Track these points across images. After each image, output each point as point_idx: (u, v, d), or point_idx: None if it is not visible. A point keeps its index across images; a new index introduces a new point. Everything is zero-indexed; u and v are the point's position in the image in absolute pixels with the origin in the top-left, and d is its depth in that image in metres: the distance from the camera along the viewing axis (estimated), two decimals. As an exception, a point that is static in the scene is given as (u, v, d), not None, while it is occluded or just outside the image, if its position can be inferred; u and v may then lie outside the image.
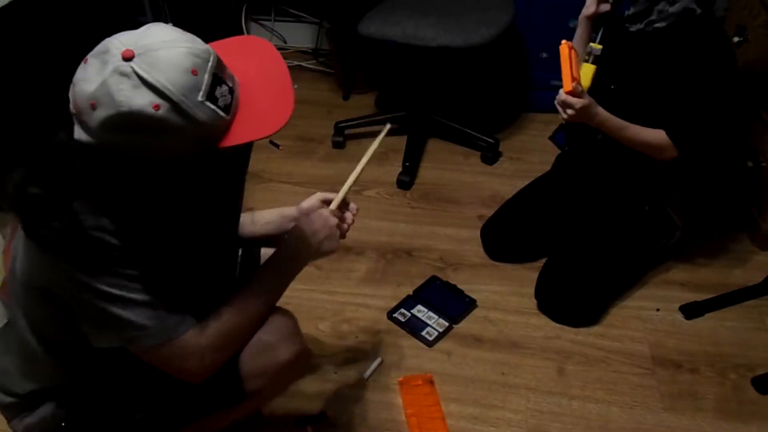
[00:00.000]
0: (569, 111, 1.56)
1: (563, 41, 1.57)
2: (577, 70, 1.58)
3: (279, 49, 3.26)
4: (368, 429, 1.52)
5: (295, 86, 2.66)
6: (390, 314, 1.80)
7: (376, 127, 2.58)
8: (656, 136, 1.62)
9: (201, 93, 0.87)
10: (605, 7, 1.65)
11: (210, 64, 0.89)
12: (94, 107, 0.85)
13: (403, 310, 1.81)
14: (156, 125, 0.86)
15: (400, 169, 2.32)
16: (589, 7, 1.67)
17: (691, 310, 1.78)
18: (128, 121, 0.85)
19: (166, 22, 3.13)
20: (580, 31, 1.74)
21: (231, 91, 0.93)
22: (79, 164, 0.90)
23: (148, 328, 1.01)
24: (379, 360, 1.67)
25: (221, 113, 0.90)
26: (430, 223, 2.13)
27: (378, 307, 1.83)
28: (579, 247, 1.80)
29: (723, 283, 1.87)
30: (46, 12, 2.28)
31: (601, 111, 1.59)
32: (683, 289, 1.86)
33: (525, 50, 2.54)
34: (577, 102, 1.54)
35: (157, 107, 0.85)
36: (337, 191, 1.32)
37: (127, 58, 0.84)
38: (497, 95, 2.70)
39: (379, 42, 2.20)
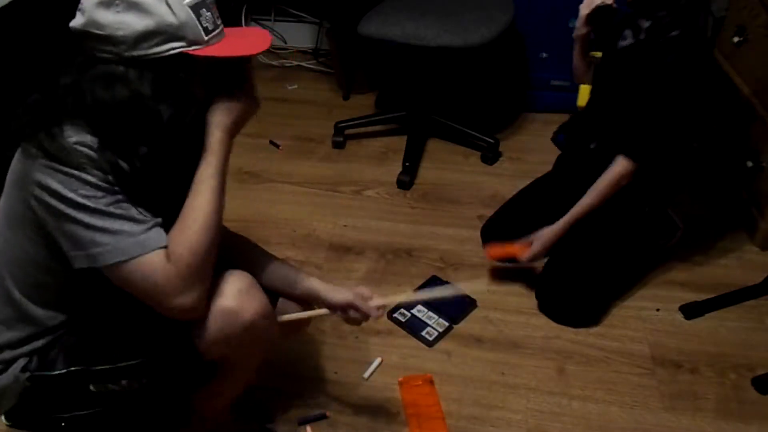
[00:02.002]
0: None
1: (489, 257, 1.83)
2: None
3: (279, 49, 3.26)
4: (368, 429, 1.52)
5: (295, 86, 2.66)
6: (390, 314, 1.80)
7: (376, 127, 2.58)
8: (612, 173, 1.65)
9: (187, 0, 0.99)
10: (585, 29, 1.68)
11: None
12: None
13: (403, 310, 1.81)
14: (140, 8, 0.97)
15: (400, 169, 2.32)
16: (580, 29, 1.73)
17: (691, 310, 1.78)
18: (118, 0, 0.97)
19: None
20: (576, 51, 1.79)
21: (215, 25, 1.04)
22: (73, 74, 1.01)
23: (118, 242, 1.01)
24: (379, 360, 1.67)
25: (199, 26, 1.00)
26: (430, 223, 2.13)
27: (378, 307, 1.83)
28: (579, 248, 1.80)
29: (723, 283, 1.87)
30: (45, 12, 2.28)
31: (555, 230, 1.74)
32: (683, 289, 1.86)
33: (525, 50, 2.54)
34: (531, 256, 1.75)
35: None
36: (338, 191, 1.32)
37: None
38: (497, 95, 2.70)
39: (379, 42, 2.20)
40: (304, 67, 3.03)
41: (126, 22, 0.96)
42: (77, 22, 1.00)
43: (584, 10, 1.69)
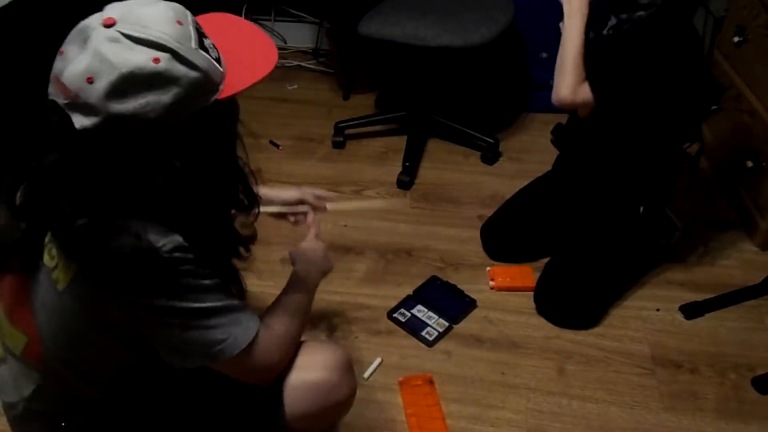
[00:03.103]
0: None
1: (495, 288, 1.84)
2: None
3: (279, 49, 3.25)
4: (368, 429, 1.52)
5: (295, 86, 2.65)
6: (390, 314, 1.80)
7: (376, 127, 2.58)
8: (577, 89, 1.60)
9: (193, 41, 0.86)
10: None
11: (189, 17, 0.89)
12: (92, 81, 0.81)
13: (403, 310, 1.81)
14: (161, 79, 0.83)
15: (400, 169, 2.32)
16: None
17: (691, 310, 1.78)
18: (132, 82, 0.81)
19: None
20: None
21: (214, 46, 0.92)
22: (98, 172, 0.86)
23: (232, 333, 0.98)
24: (379, 360, 1.67)
25: (214, 62, 0.89)
26: (430, 223, 2.13)
27: (378, 307, 1.83)
28: (577, 250, 1.80)
29: (723, 283, 1.87)
30: (46, 12, 2.28)
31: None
32: (683, 289, 1.86)
33: (525, 50, 2.54)
34: None
35: (157, 60, 0.82)
36: (338, 191, 1.34)
37: (110, 25, 0.82)
38: (497, 95, 2.70)
39: (379, 42, 2.20)
40: (304, 67, 3.03)
41: (152, 102, 0.82)
42: (88, 122, 0.83)
43: (562, 28, 1.69)
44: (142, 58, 0.81)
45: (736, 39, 2.07)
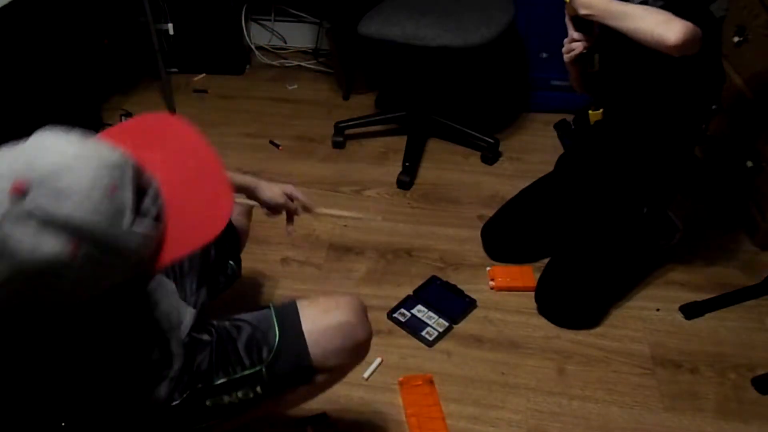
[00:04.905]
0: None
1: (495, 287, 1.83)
2: None
3: (279, 49, 3.24)
4: (368, 429, 1.52)
5: (295, 86, 2.66)
6: (390, 314, 1.80)
7: (376, 127, 2.58)
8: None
9: (126, 218, 0.69)
10: (579, 46, 1.65)
11: (128, 174, 0.70)
12: None
13: (403, 310, 1.81)
14: (75, 272, 0.67)
15: (400, 169, 2.32)
16: (570, 68, 1.70)
17: (691, 310, 1.78)
18: (36, 276, 0.65)
19: (166, 22, 3.05)
20: (573, 74, 1.75)
21: (156, 196, 0.74)
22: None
23: None
24: (379, 360, 1.67)
25: (152, 231, 0.72)
26: (430, 223, 2.13)
27: (378, 307, 1.82)
28: (578, 250, 1.80)
29: (723, 283, 1.87)
30: (46, 12, 2.28)
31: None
32: (683, 289, 1.86)
33: (525, 50, 2.54)
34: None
35: (74, 250, 0.65)
36: (338, 191, 1.33)
37: (21, 192, 0.64)
38: (497, 95, 2.70)
39: (379, 42, 2.20)
40: (304, 67, 3.03)
41: (57, 291, 0.69)
42: None
43: (566, 59, 1.69)
44: (53, 248, 0.65)
45: (736, 39, 2.07)
